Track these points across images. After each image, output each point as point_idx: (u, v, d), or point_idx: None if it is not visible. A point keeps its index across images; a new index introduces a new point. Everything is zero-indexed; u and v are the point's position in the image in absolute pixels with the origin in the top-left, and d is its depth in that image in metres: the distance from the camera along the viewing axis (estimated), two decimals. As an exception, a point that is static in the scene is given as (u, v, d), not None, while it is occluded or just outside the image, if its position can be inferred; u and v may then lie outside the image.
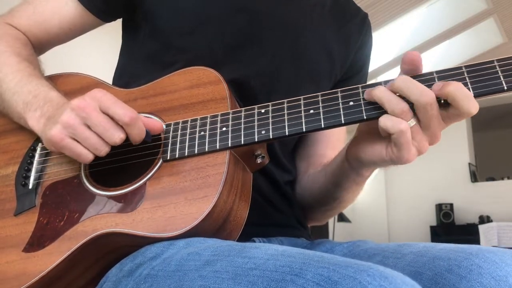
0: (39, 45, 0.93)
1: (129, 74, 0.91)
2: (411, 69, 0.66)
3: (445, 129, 0.68)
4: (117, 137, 0.68)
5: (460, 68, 0.65)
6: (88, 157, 0.69)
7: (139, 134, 0.69)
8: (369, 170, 0.80)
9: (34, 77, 0.80)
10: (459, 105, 0.62)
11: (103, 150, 0.69)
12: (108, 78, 0.92)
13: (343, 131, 1.03)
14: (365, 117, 0.66)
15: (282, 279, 0.48)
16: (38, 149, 0.80)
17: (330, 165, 0.87)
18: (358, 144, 0.75)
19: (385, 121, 0.64)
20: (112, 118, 0.68)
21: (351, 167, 0.79)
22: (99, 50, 3.38)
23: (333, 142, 1.00)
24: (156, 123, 0.72)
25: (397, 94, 0.64)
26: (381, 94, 0.64)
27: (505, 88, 0.62)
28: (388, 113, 0.64)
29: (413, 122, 0.64)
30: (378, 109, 0.66)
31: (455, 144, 7.47)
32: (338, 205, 0.92)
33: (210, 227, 0.67)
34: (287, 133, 0.68)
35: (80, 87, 0.85)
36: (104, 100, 0.68)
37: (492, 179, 8.05)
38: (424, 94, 0.62)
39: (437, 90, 0.63)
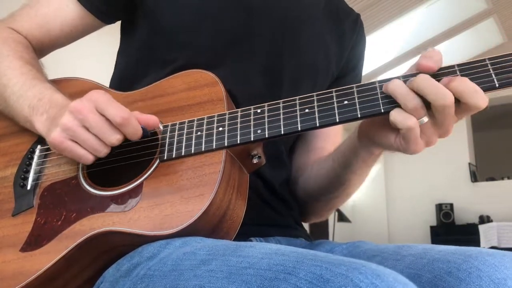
0: (40, 48, 0.93)
1: (130, 75, 0.92)
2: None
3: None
4: (114, 138, 0.69)
5: (452, 66, 0.65)
6: (89, 158, 0.70)
7: (134, 133, 0.70)
8: (379, 149, 0.79)
9: (38, 80, 0.81)
10: (467, 99, 0.62)
11: (102, 151, 0.70)
12: (106, 81, 0.92)
13: (340, 126, 1.03)
14: (359, 116, 0.66)
15: (275, 277, 0.48)
16: (37, 151, 0.80)
17: (339, 148, 0.87)
18: (370, 124, 0.75)
19: (394, 116, 0.64)
20: (107, 119, 0.69)
21: (362, 145, 0.79)
22: (98, 53, 3.37)
23: (331, 136, 1.01)
24: (151, 118, 0.72)
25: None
26: (396, 88, 0.64)
27: (497, 85, 0.63)
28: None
29: (425, 119, 0.64)
30: (373, 107, 0.66)
31: (455, 144, 7.46)
32: (343, 192, 0.91)
33: (207, 225, 0.67)
34: (282, 132, 0.69)
35: (80, 90, 0.85)
36: (99, 101, 0.69)
37: (492, 179, 8.04)
38: (443, 97, 0.62)
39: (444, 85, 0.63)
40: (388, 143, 0.71)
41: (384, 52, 6.24)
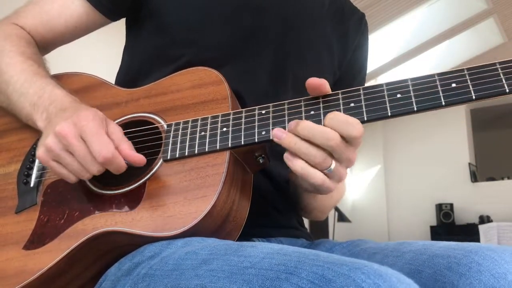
0: (44, 44, 0.93)
1: (135, 72, 0.92)
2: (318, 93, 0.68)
3: (445, 128, 0.67)
4: (95, 169, 0.68)
5: (462, 70, 0.64)
6: (72, 179, 0.70)
7: (117, 170, 0.68)
8: None
9: (38, 76, 0.81)
10: (342, 132, 0.63)
11: (85, 175, 0.69)
12: (110, 77, 0.92)
13: None
14: (365, 119, 0.65)
15: (277, 277, 0.48)
16: None
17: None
18: None
19: (302, 172, 0.64)
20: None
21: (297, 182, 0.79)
22: (102, 49, 3.38)
23: None
24: (138, 158, 0.69)
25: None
26: (296, 146, 0.64)
27: (507, 90, 0.61)
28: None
29: (333, 165, 0.65)
30: (379, 110, 0.65)
31: (455, 144, 7.46)
32: (318, 208, 0.92)
33: (209, 226, 0.67)
34: None
35: (83, 86, 0.85)
36: (85, 131, 0.67)
37: (492, 179, 8.04)
38: (330, 138, 0.63)
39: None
40: (305, 187, 0.71)
41: (384, 52, 6.24)
